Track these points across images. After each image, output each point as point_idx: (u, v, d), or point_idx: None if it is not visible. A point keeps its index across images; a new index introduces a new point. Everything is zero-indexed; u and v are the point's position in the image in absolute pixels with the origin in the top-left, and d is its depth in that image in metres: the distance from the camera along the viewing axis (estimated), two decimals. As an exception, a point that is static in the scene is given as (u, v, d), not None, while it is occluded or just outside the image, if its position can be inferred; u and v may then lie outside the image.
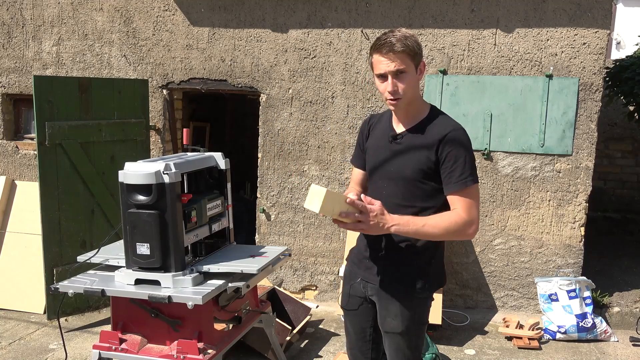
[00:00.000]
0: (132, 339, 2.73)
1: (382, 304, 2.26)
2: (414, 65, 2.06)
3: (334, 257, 4.94)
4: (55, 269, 4.37)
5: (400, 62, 2.03)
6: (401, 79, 2.05)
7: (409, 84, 2.06)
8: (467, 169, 2.05)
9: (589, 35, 4.36)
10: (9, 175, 5.43)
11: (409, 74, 2.05)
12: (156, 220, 2.56)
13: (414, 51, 2.03)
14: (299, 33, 4.80)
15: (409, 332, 2.24)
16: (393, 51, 2.01)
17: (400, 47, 2.01)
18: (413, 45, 2.03)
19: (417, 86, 2.13)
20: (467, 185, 2.05)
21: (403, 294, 2.20)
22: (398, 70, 2.04)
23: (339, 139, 4.83)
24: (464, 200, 2.05)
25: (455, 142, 2.07)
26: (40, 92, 4.21)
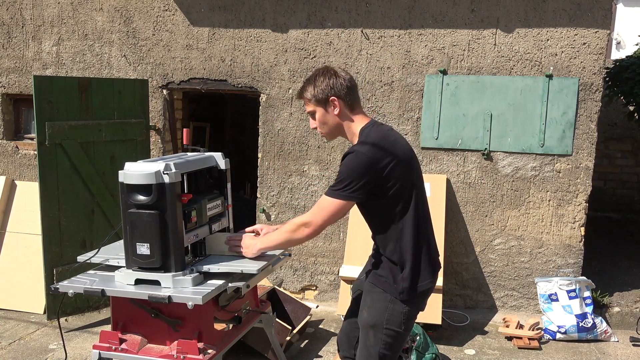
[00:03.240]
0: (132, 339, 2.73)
1: (363, 296, 2.45)
2: (319, 106, 2.37)
3: (334, 257, 4.94)
4: (55, 269, 4.37)
5: (308, 107, 2.43)
6: (315, 118, 2.43)
7: (320, 121, 2.41)
8: (335, 181, 2.26)
9: (589, 35, 4.36)
10: (9, 175, 5.43)
11: (318, 114, 2.39)
12: (156, 220, 2.56)
13: (312, 95, 2.36)
14: (299, 33, 4.80)
15: (376, 329, 2.32)
16: (301, 99, 2.44)
17: (304, 95, 2.40)
18: (311, 91, 2.36)
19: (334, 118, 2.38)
20: (325, 193, 2.28)
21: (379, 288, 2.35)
22: (308, 112, 2.45)
23: (338, 139, 4.83)
24: (316, 204, 2.32)
25: (344, 160, 2.28)
26: (40, 92, 4.21)
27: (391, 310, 2.30)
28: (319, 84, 2.34)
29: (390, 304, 2.30)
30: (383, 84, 4.71)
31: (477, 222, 4.70)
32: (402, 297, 2.29)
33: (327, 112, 2.36)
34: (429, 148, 4.69)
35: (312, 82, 2.36)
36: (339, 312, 4.41)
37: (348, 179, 2.22)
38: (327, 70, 2.36)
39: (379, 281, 2.36)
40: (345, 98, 2.34)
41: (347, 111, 2.36)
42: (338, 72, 2.35)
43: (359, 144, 2.28)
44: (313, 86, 2.35)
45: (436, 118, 4.63)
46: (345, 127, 2.38)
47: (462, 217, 4.71)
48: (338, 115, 2.35)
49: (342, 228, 4.85)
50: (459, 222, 4.72)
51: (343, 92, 2.33)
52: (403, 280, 2.28)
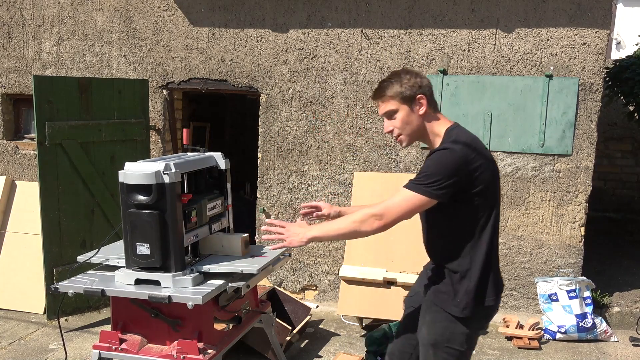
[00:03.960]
0: (132, 339, 2.73)
1: (422, 312, 2.32)
2: (404, 104, 2.19)
3: (334, 257, 4.94)
4: (55, 269, 4.37)
5: (386, 105, 2.22)
6: (394, 119, 2.23)
7: (403, 121, 2.21)
8: (419, 176, 2.11)
9: (589, 35, 4.36)
10: (9, 175, 5.43)
11: (400, 112, 2.21)
12: (156, 220, 2.56)
13: (397, 93, 2.18)
14: (299, 33, 4.80)
15: (436, 348, 2.21)
16: (378, 97, 2.24)
17: (385, 93, 2.20)
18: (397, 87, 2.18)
19: (419, 119, 2.22)
20: (405, 186, 2.12)
21: (438, 307, 2.22)
22: (387, 112, 2.24)
23: (339, 139, 4.83)
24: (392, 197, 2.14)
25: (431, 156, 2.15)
26: (40, 92, 4.21)
27: (452, 330, 2.19)
28: (405, 81, 2.18)
29: (450, 324, 2.18)
30: (383, 84, 4.70)
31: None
32: (465, 314, 2.15)
33: (412, 112, 2.20)
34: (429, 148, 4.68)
35: (396, 79, 2.20)
36: (339, 312, 4.41)
37: (436, 175, 2.05)
38: (410, 69, 2.25)
39: (440, 299, 2.22)
40: (430, 98, 2.21)
41: (431, 112, 2.23)
42: (421, 73, 2.25)
43: (451, 142, 2.12)
44: (399, 83, 2.18)
45: (436, 118, 4.63)
46: (428, 129, 2.23)
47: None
48: (423, 115, 2.20)
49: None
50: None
51: (429, 92, 2.21)
52: (467, 293, 2.15)
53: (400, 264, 4.30)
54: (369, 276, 4.26)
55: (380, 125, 4.73)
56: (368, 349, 3.65)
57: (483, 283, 2.17)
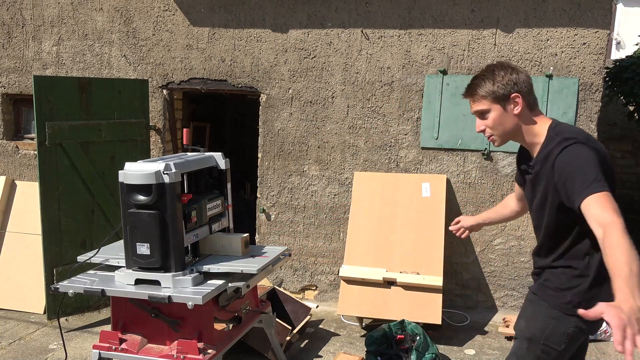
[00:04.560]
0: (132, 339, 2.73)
1: (524, 305, 2.26)
2: (496, 103, 2.08)
3: (334, 257, 4.94)
4: (55, 269, 4.37)
5: (479, 104, 2.11)
6: (486, 118, 2.12)
7: (495, 121, 2.10)
8: (582, 181, 1.86)
9: (589, 35, 4.36)
10: (9, 175, 5.43)
11: (493, 112, 2.09)
12: (156, 220, 2.56)
13: (490, 92, 2.07)
14: (299, 33, 4.80)
15: (532, 343, 2.13)
16: (470, 95, 2.13)
17: (478, 91, 2.09)
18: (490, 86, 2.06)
19: (513, 119, 2.09)
20: (585, 196, 1.84)
21: (544, 300, 2.15)
22: (478, 112, 2.13)
23: (339, 139, 4.83)
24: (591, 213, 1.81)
25: (561, 159, 1.94)
26: (40, 92, 4.21)
27: (553, 327, 2.09)
28: (499, 78, 2.06)
29: (553, 321, 2.09)
30: (383, 84, 4.71)
31: (477, 222, 4.69)
32: (573, 312, 2.01)
33: (505, 111, 2.08)
34: (429, 148, 4.69)
35: (489, 76, 2.08)
36: (339, 312, 4.41)
37: (592, 170, 1.86)
38: (505, 64, 2.10)
39: (546, 294, 2.14)
40: (527, 96, 2.07)
41: (528, 111, 2.09)
42: (518, 68, 2.10)
43: (566, 140, 1.96)
44: (492, 81, 2.06)
45: (436, 118, 4.63)
46: (524, 129, 2.10)
47: (462, 217, 4.71)
48: (518, 115, 2.07)
49: (342, 228, 4.85)
50: (459, 222, 4.72)
51: (525, 89, 2.06)
52: (579, 293, 2.06)
53: (400, 264, 4.30)
54: (369, 276, 4.26)
55: (380, 125, 4.73)
56: (368, 349, 3.65)
57: (598, 286, 2.06)
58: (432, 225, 4.39)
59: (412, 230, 4.42)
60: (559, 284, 2.11)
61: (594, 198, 1.82)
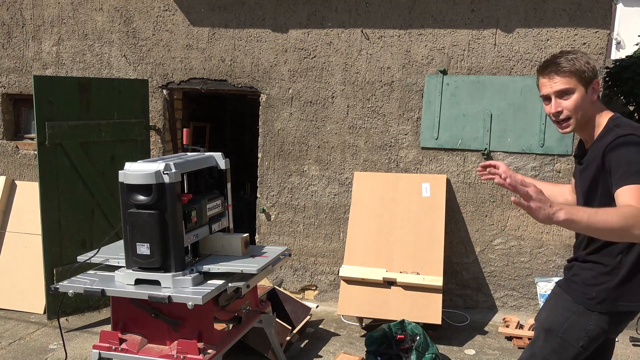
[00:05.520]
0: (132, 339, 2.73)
1: (548, 298, 2.24)
2: (582, 84, 2.00)
3: (334, 257, 4.94)
4: (55, 269, 4.37)
5: (563, 82, 2.00)
6: (566, 99, 2.01)
7: (576, 103, 2.00)
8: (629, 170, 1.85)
9: (589, 35, 4.36)
10: (9, 175, 5.43)
11: (575, 93, 2.00)
12: (156, 220, 2.57)
13: (580, 70, 1.98)
14: (299, 33, 4.80)
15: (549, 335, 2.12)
16: (557, 72, 2.00)
17: (566, 67, 1.98)
18: (581, 64, 1.99)
19: (590, 106, 2.03)
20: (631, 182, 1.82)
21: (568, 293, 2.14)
22: (561, 90, 2.01)
23: (339, 139, 4.83)
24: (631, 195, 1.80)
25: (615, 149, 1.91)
26: (40, 92, 4.21)
27: (573, 321, 2.08)
28: (582, 60, 1.98)
29: (573, 315, 2.08)
30: (383, 84, 4.71)
31: (477, 222, 4.70)
32: (597, 309, 2.04)
33: (586, 95, 2.00)
34: (429, 148, 4.69)
35: (576, 56, 1.99)
36: (339, 312, 4.41)
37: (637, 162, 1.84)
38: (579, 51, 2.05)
39: (571, 288, 2.13)
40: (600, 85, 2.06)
41: (599, 100, 2.05)
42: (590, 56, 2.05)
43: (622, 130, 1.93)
44: (580, 61, 1.98)
45: (436, 118, 4.63)
46: (593, 118, 2.03)
47: (462, 217, 4.71)
48: (594, 102, 2.01)
49: (342, 228, 4.85)
50: (459, 222, 4.72)
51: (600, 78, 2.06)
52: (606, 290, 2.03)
53: (400, 264, 4.30)
54: (369, 276, 4.26)
55: (380, 125, 4.73)
56: (368, 349, 3.65)
57: (626, 285, 2.03)
58: (432, 225, 4.39)
59: (412, 230, 4.42)
60: (586, 279, 2.09)
61: (630, 188, 1.81)
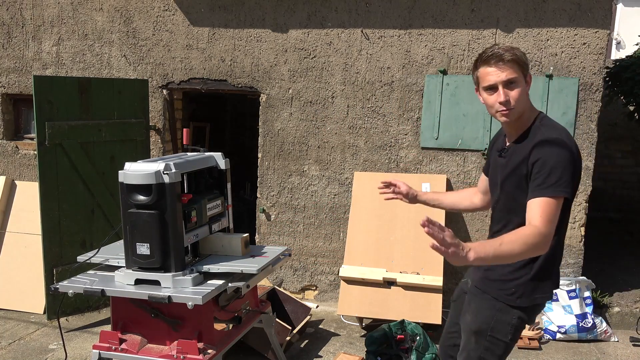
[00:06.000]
0: (132, 339, 2.73)
1: (468, 299, 2.29)
2: (523, 75, 2.06)
3: (334, 257, 4.94)
4: (55, 269, 4.37)
5: (511, 71, 2.04)
6: (512, 89, 2.05)
7: (520, 94, 2.05)
8: (550, 179, 1.94)
9: (589, 35, 4.35)
10: (9, 175, 5.43)
11: (519, 84, 2.06)
12: (156, 220, 2.56)
13: (522, 60, 2.05)
14: (299, 33, 4.80)
15: (479, 336, 2.18)
16: (502, 61, 2.04)
17: (510, 56, 2.04)
18: (521, 55, 2.06)
19: (527, 98, 2.10)
20: (544, 195, 1.93)
21: (488, 293, 2.19)
22: (509, 79, 2.04)
23: (339, 139, 4.83)
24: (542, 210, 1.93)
25: (541, 151, 1.98)
26: (40, 92, 4.21)
27: (498, 319, 2.15)
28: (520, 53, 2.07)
29: (498, 312, 2.15)
30: (383, 84, 4.71)
31: (477, 222, 4.70)
32: (518, 303, 2.12)
33: (525, 86, 2.08)
34: (429, 148, 4.69)
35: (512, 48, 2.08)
36: (339, 312, 4.41)
37: (562, 171, 1.93)
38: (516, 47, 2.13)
39: (490, 286, 2.19)
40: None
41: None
42: None
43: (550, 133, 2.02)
44: (519, 52, 2.06)
45: (436, 118, 4.63)
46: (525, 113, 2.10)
47: (462, 217, 4.71)
48: (527, 94, 2.08)
49: (342, 228, 4.85)
50: (459, 222, 4.72)
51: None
52: (524, 284, 2.11)
53: (400, 264, 4.30)
54: (369, 276, 4.26)
55: (380, 125, 4.73)
56: (368, 349, 3.65)
57: (542, 277, 2.12)
58: (432, 225, 4.38)
59: (412, 230, 4.41)
60: (503, 274, 2.14)
61: (541, 202, 1.93)
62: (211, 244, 2.94)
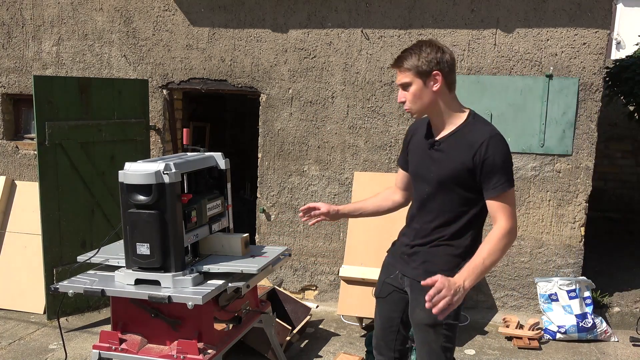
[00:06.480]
0: (132, 339, 2.73)
1: (413, 295, 2.34)
2: (418, 78, 2.19)
3: (334, 257, 4.94)
4: (55, 269, 4.37)
5: (404, 76, 2.21)
6: (408, 90, 2.23)
7: (415, 95, 2.21)
8: (504, 174, 2.13)
9: (589, 35, 4.36)
10: (9, 175, 5.43)
11: (413, 86, 2.20)
12: (156, 220, 2.56)
13: (415, 66, 2.18)
14: (299, 33, 4.80)
15: (436, 327, 2.27)
16: (398, 67, 2.23)
17: (404, 64, 2.19)
18: (415, 61, 2.17)
19: (433, 95, 2.21)
20: (505, 190, 2.13)
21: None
22: (401, 84, 2.23)
23: (339, 139, 4.83)
24: (503, 206, 2.14)
25: (494, 147, 2.14)
26: (40, 92, 4.21)
27: None
28: (424, 55, 2.18)
29: None
30: (383, 84, 4.71)
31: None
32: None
33: (425, 87, 2.20)
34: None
35: (416, 51, 2.19)
36: (339, 312, 4.41)
37: (510, 166, 2.17)
38: (432, 42, 2.23)
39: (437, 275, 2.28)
40: (447, 75, 2.21)
41: (446, 89, 2.22)
42: (444, 47, 2.23)
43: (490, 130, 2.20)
44: (417, 56, 2.18)
45: (436, 118, 4.62)
46: (442, 107, 2.24)
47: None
48: (437, 92, 2.20)
49: (342, 228, 4.85)
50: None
51: (447, 69, 2.20)
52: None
53: (400, 264, 4.29)
54: (369, 276, 4.25)
55: (380, 125, 4.73)
56: (368, 349, 3.65)
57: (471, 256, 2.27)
58: (432, 225, 4.38)
59: (412, 230, 4.41)
60: (442, 265, 2.24)
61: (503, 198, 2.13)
62: (211, 244, 2.94)
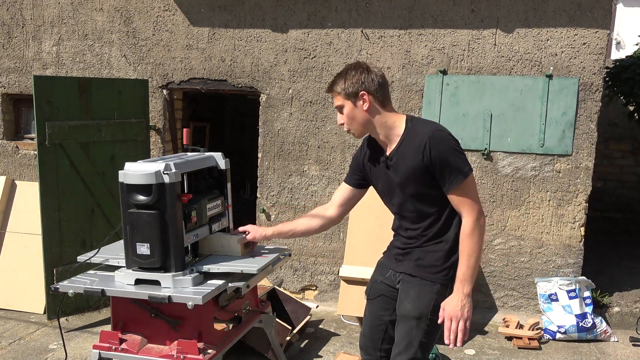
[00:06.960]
0: (132, 339, 2.73)
1: (403, 288, 2.41)
2: (348, 100, 2.31)
3: (334, 257, 4.94)
4: (55, 269, 4.37)
5: (336, 100, 2.36)
6: (343, 112, 2.36)
7: (348, 116, 2.34)
8: (455, 167, 2.20)
9: (589, 35, 4.36)
10: (9, 175, 5.43)
11: (346, 108, 2.33)
12: (156, 220, 2.56)
13: (342, 89, 2.31)
14: (299, 33, 4.80)
15: (420, 320, 2.32)
16: (331, 92, 2.37)
17: (334, 89, 2.33)
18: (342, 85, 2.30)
19: (365, 114, 2.31)
20: (460, 182, 2.21)
21: (425, 279, 2.34)
22: (336, 107, 2.38)
23: (339, 139, 4.83)
24: (462, 200, 2.23)
25: (436, 145, 2.21)
26: (40, 92, 4.21)
27: (436, 300, 2.31)
28: (349, 77, 2.30)
29: (436, 295, 2.32)
30: (383, 84, 4.70)
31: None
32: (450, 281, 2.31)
33: (355, 107, 2.31)
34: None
35: (343, 75, 2.33)
36: (339, 312, 4.41)
37: (456, 153, 2.22)
38: (359, 65, 2.34)
39: (427, 272, 2.34)
40: (375, 93, 2.30)
41: (378, 106, 2.31)
42: (370, 68, 2.33)
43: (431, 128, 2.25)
44: (344, 80, 2.31)
45: (436, 118, 4.63)
46: (377, 123, 2.33)
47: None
48: (367, 110, 2.30)
49: (342, 228, 4.85)
50: (459, 222, 4.72)
51: (373, 88, 2.29)
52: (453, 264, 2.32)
53: (400, 264, 4.29)
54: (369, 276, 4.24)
55: (380, 125, 4.73)
56: (368, 349, 3.65)
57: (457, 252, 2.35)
58: (432, 225, 4.38)
59: (412, 230, 4.41)
60: (435, 260, 2.33)
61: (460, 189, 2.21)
62: (211, 244, 2.94)
